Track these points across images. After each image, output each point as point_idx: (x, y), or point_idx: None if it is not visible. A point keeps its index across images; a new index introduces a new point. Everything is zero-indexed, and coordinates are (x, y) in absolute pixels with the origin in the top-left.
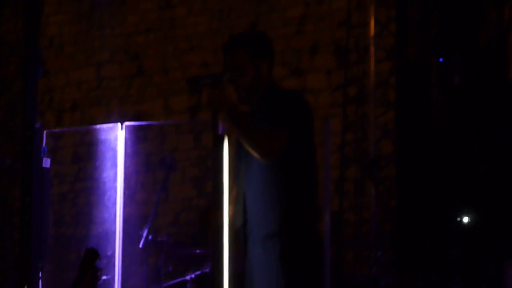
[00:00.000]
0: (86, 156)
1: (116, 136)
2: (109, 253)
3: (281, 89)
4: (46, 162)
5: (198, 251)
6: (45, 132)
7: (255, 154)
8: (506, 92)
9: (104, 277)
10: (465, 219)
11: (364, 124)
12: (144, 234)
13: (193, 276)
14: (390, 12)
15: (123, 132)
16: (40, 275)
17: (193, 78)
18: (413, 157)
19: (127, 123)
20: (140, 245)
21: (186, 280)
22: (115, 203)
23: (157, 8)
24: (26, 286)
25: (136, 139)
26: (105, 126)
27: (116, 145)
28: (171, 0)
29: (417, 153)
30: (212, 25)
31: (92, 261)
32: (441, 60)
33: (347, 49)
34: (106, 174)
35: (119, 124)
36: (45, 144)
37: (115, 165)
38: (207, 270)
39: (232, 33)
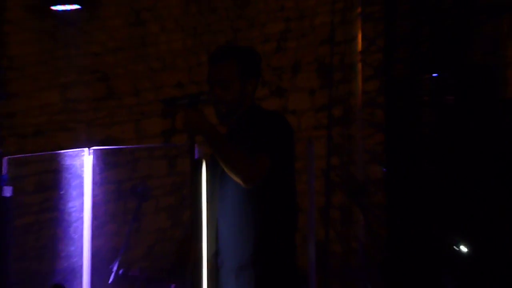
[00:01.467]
0: (51, 185)
1: (83, 162)
2: None
3: (262, 110)
4: (8, 191)
5: (173, 286)
6: (5, 159)
7: (236, 179)
8: (504, 109)
9: None
10: (463, 249)
11: (351, 147)
12: (114, 269)
13: None
14: (378, 27)
15: (91, 157)
16: None
17: (168, 99)
18: (404, 182)
19: (95, 148)
20: (110, 281)
21: None
22: (82, 235)
23: (127, 25)
24: None
25: (105, 165)
26: (71, 151)
27: (83, 172)
28: (141, 16)
29: (408, 178)
30: (186, 42)
31: None
32: (435, 75)
33: (331, 67)
34: (73, 203)
35: (86, 149)
36: (6, 172)
37: (82, 194)
38: None
39: (209, 50)
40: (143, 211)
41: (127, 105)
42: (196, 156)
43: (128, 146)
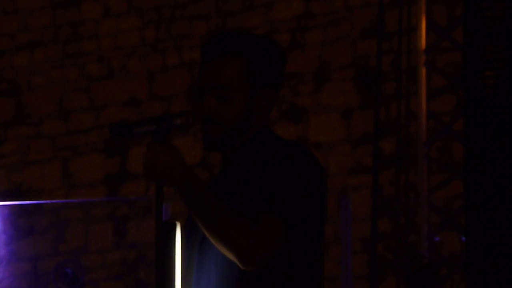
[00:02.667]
0: None
1: None
2: None
3: (279, 140)
4: None
5: None
6: None
7: (230, 257)
8: None
9: None
10: None
11: (411, 202)
12: None
13: None
14: (454, 9)
15: None
16: None
17: (120, 125)
18: (496, 259)
19: None
20: None
21: None
22: None
23: (49, 6)
24: None
25: (14, 232)
26: None
27: None
28: None
29: (502, 253)
30: (145, 33)
31: None
32: None
33: (378, 74)
34: None
35: None
36: None
37: None
38: None
39: (181, 45)
40: None
41: (48, 135)
42: (165, 216)
43: (51, 201)
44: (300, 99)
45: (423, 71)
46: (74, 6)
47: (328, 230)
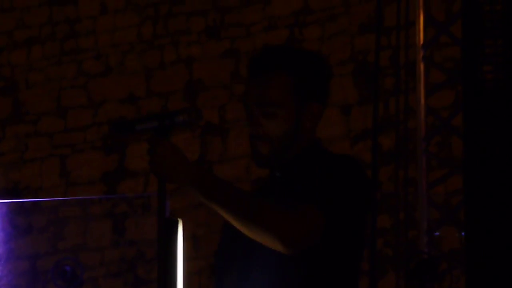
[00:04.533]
0: None
1: None
2: None
3: (329, 154)
4: None
5: None
6: None
7: (272, 244)
8: None
9: None
10: None
11: (410, 198)
12: None
13: None
14: (452, 4)
15: None
16: None
17: (121, 123)
18: (496, 254)
19: None
20: None
21: None
22: None
23: (46, 2)
24: None
25: (13, 230)
26: None
27: None
28: None
29: (503, 249)
30: (142, 30)
31: None
32: None
33: (377, 69)
34: None
35: None
36: None
37: None
38: None
39: (179, 41)
40: None
41: (46, 132)
42: (167, 213)
43: (49, 199)
44: None
45: (422, 66)
46: (71, 3)
47: None
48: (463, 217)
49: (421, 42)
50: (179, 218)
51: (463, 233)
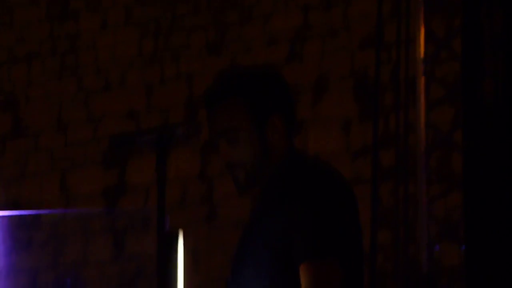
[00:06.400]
0: None
1: None
2: None
3: (303, 170)
4: None
5: None
6: None
7: None
8: None
9: None
10: None
11: (410, 213)
12: None
13: None
14: (452, 20)
15: None
16: None
17: (122, 136)
18: (495, 271)
19: None
20: None
21: None
22: None
23: (47, 18)
24: None
25: (13, 244)
26: None
27: None
28: (70, 4)
29: (502, 264)
30: (143, 45)
31: None
32: None
33: (377, 85)
34: None
35: None
36: None
37: None
38: None
39: (179, 56)
40: None
41: (46, 147)
42: (167, 227)
43: (49, 212)
44: (299, 110)
45: (422, 81)
46: (71, 19)
47: None
48: (463, 233)
49: (422, 56)
50: (180, 230)
51: (463, 247)
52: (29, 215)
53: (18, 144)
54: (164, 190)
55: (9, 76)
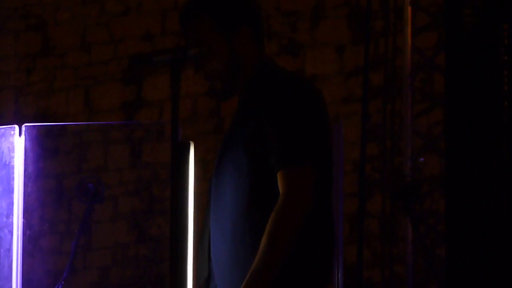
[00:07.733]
0: None
1: (12, 146)
2: None
3: (273, 76)
4: None
5: None
6: None
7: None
8: None
9: None
10: None
11: (396, 128)
12: None
13: None
14: None
15: (22, 139)
16: None
17: (139, 56)
18: (473, 179)
19: (27, 124)
20: None
21: None
22: (9, 250)
23: None
24: None
25: (42, 151)
26: None
27: (11, 159)
28: None
29: (478, 174)
30: None
31: None
32: None
33: (368, 12)
34: None
35: (16, 127)
36: None
37: (10, 191)
38: None
39: None
40: (95, 218)
41: (72, 65)
42: (180, 138)
43: (74, 124)
44: (298, 35)
45: (409, 10)
46: None
47: None
48: (443, 146)
49: None
50: (191, 141)
51: (444, 160)
52: (56, 126)
53: (46, 62)
54: (177, 104)
55: (40, 1)
